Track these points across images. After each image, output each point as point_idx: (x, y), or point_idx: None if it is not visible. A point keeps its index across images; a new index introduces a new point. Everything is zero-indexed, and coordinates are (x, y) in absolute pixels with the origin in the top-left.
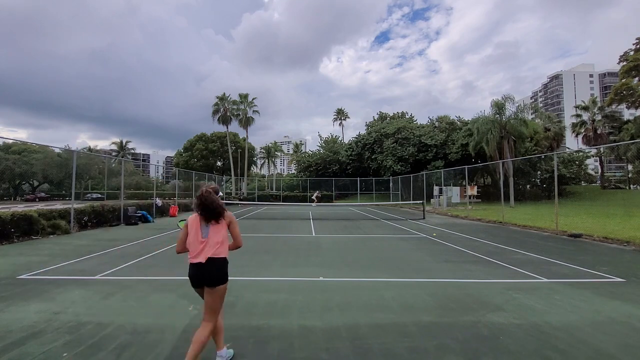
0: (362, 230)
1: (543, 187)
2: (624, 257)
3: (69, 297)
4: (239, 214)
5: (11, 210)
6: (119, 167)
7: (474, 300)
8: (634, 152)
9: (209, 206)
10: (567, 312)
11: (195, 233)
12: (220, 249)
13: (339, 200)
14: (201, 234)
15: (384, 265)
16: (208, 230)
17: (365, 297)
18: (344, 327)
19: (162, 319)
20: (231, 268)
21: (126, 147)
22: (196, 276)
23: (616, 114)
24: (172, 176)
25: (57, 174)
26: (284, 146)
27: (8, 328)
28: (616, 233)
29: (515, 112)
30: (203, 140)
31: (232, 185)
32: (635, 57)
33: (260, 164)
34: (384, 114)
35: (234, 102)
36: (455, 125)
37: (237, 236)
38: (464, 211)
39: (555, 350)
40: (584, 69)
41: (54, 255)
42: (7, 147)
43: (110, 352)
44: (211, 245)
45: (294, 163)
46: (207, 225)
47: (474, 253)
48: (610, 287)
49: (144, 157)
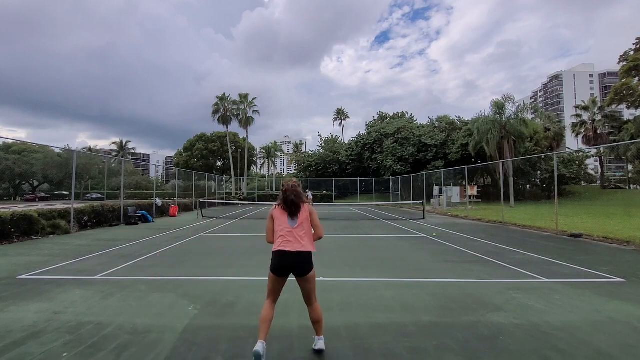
0: (362, 230)
1: (543, 187)
2: (624, 257)
3: (69, 297)
4: (239, 214)
5: (11, 210)
6: (119, 167)
7: (474, 300)
8: (634, 152)
9: (294, 200)
10: (567, 312)
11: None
12: (305, 240)
13: (338, 200)
14: (288, 224)
15: (384, 265)
16: (295, 222)
17: (365, 297)
18: (344, 327)
19: (162, 319)
20: (231, 268)
21: (126, 147)
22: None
23: (616, 114)
24: (172, 176)
25: (57, 174)
26: (284, 146)
27: (8, 328)
28: (616, 233)
29: (515, 112)
30: (203, 140)
31: (232, 185)
32: (635, 57)
33: (260, 164)
34: (384, 113)
35: (234, 102)
36: (455, 125)
37: (317, 227)
38: (464, 211)
39: (555, 350)
40: (584, 69)
41: (54, 255)
42: (7, 147)
43: (110, 352)
44: (296, 237)
45: (294, 163)
46: (293, 217)
47: (474, 253)
48: (610, 287)
49: (144, 157)
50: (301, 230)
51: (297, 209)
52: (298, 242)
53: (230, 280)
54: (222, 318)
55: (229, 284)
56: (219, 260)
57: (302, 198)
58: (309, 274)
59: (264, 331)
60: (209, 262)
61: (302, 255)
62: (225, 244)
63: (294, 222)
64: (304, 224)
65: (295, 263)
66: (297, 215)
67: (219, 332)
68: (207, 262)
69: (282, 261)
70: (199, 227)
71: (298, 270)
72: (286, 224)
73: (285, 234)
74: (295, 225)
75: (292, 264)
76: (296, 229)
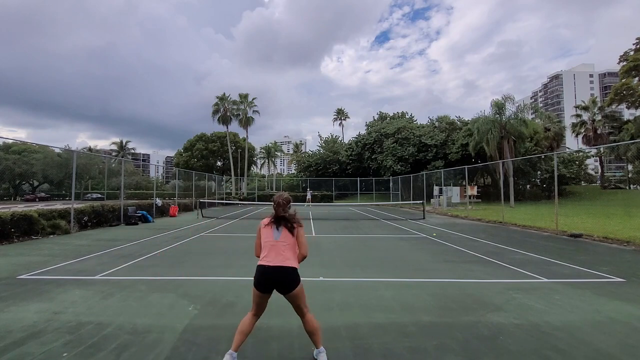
0: (362, 230)
1: (543, 187)
2: (624, 257)
3: (69, 297)
4: (239, 214)
5: (11, 210)
6: (119, 167)
7: (474, 300)
8: (634, 152)
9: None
10: (567, 312)
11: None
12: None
13: (338, 200)
14: (272, 237)
15: (384, 265)
16: (279, 234)
17: (365, 297)
18: (344, 327)
19: (162, 319)
20: (231, 268)
21: (126, 147)
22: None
23: (616, 114)
24: (172, 176)
25: (57, 174)
26: (284, 146)
27: (8, 328)
28: (616, 233)
29: (515, 112)
30: (203, 140)
31: (232, 185)
32: (635, 57)
33: (260, 164)
34: (384, 113)
35: (234, 102)
36: (455, 125)
37: (302, 244)
38: (464, 211)
39: (555, 350)
40: (584, 69)
41: (54, 255)
42: (7, 147)
43: (110, 352)
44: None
45: (294, 163)
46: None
47: (474, 253)
48: (610, 287)
49: (144, 157)
50: (284, 244)
51: (283, 224)
52: (280, 256)
53: (230, 280)
54: (222, 318)
55: (229, 284)
56: (219, 260)
57: (291, 213)
58: (293, 291)
59: (236, 342)
60: (209, 262)
61: (284, 271)
62: (225, 244)
63: (279, 236)
64: (289, 239)
65: (277, 278)
66: (283, 230)
67: (219, 332)
68: (207, 262)
69: (263, 276)
70: (199, 227)
71: (280, 286)
72: (271, 237)
73: (268, 248)
74: (279, 239)
75: (273, 279)
76: (280, 243)
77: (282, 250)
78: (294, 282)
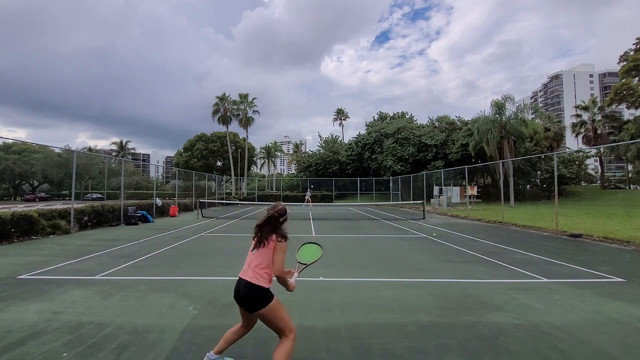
0: (362, 230)
1: (543, 187)
2: (624, 257)
3: (69, 297)
4: (239, 214)
5: (11, 210)
6: (119, 167)
7: (474, 300)
8: (634, 152)
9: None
10: (567, 312)
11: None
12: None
13: (338, 200)
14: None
15: (384, 265)
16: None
17: (365, 297)
18: (344, 327)
19: (162, 319)
20: (232, 268)
21: (126, 147)
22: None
23: (616, 114)
24: (172, 176)
25: (57, 174)
26: (284, 146)
27: (8, 328)
28: (616, 233)
29: (515, 112)
30: (203, 140)
31: (232, 185)
32: (635, 57)
33: (260, 164)
34: (384, 114)
35: (234, 102)
36: (455, 125)
37: (275, 262)
38: (464, 211)
39: (555, 350)
40: (584, 69)
41: (54, 255)
42: (7, 147)
43: (110, 352)
44: (249, 264)
45: (294, 163)
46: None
47: (474, 253)
48: (610, 287)
49: (144, 157)
50: (258, 259)
51: (264, 236)
52: (249, 271)
53: (230, 280)
54: (222, 318)
55: (229, 284)
56: (219, 260)
57: (278, 227)
58: (257, 312)
59: (218, 346)
60: (209, 262)
61: (250, 288)
62: (225, 244)
63: (256, 249)
64: (266, 253)
65: (243, 294)
66: (262, 243)
67: (219, 332)
68: (207, 262)
69: (235, 287)
70: (199, 227)
71: (244, 303)
72: (251, 248)
73: (246, 260)
74: (255, 252)
75: (240, 293)
76: (254, 257)
77: (254, 267)
78: (259, 303)
